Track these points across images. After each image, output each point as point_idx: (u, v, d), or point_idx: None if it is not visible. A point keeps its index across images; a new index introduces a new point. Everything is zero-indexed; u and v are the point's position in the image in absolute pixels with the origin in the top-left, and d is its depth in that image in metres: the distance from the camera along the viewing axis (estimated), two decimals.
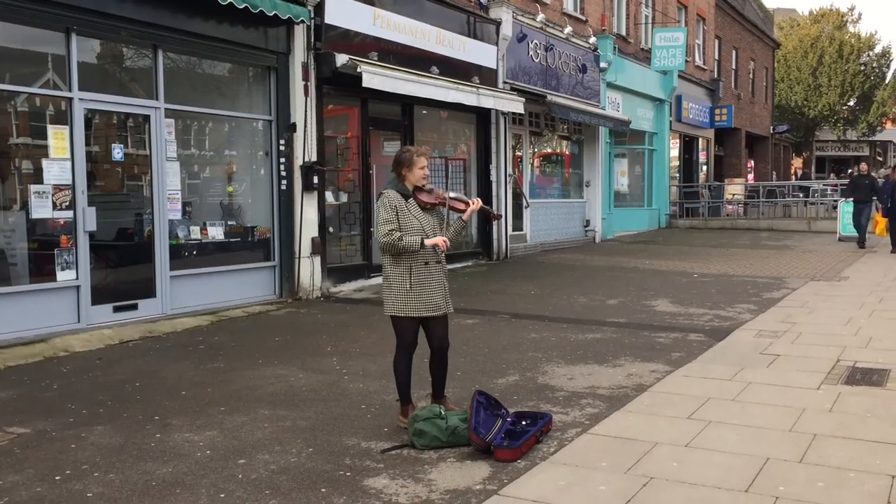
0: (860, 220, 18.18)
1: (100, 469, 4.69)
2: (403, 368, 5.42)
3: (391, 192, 5.32)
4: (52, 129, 8.37)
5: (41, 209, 8.22)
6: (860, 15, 51.39)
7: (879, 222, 17.74)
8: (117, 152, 9.16)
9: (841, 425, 5.37)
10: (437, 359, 5.51)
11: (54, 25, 8.25)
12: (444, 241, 5.25)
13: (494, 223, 15.21)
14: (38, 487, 4.42)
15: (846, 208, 19.63)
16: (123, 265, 9.37)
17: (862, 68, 44.11)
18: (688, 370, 6.98)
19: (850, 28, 45.65)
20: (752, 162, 36.39)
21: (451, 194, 5.51)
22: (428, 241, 5.22)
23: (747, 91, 34.67)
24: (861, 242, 17.92)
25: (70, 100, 8.39)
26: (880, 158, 55.23)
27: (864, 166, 19.46)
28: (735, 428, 5.33)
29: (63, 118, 8.43)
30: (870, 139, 50.11)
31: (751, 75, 35.45)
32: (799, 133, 44.56)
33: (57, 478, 4.56)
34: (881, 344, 7.86)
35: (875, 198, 17.93)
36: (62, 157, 8.33)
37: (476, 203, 5.50)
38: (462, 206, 5.51)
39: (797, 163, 48.49)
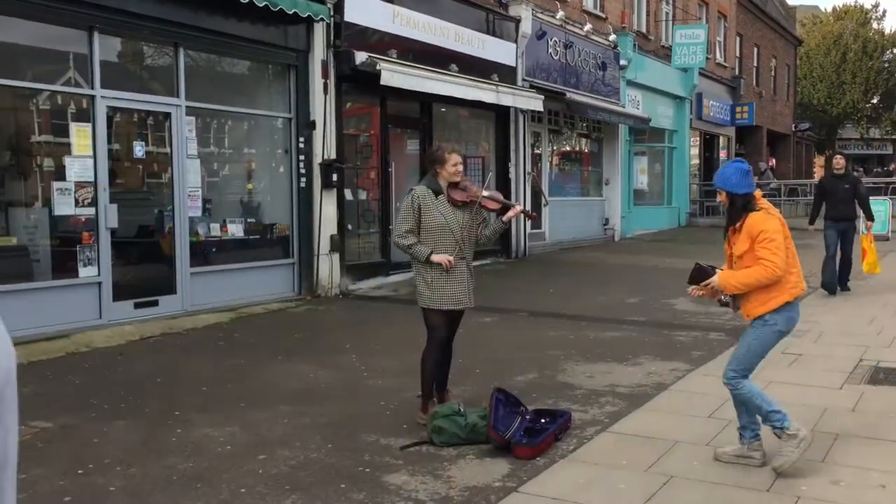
0: (842, 249, 10.90)
1: (122, 463, 4.73)
2: (431, 363, 5.47)
3: (420, 188, 5.41)
4: (74, 127, 8.44)
5: (64, 206, 8.29)
6: (885, 12, 50.78)
7: (869, 251, 11.11)
8: (138, 150, 9.23)
9: (864, 425, 5.31)
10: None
11: (77, 24, 8.32)
12: (449, 261, 5.26)
13: (523, 219, 15.22)
14: (61, 481, 4.46)
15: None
16: (144, 262, 9.44)
17: (886, 65, 43.59)
18: (708, 369, 6.93)
19: (875, 25, 45.11)
20: (774, 160, 36.06)
21: (485, 192, 5.55)
22: (434, 257, 5.27)
23: (769, 89, 34.36)
24: (832, 285, 10.81)
25: (92, 97, 8.45)
26: None
27: (839, 161, 11.27)
28: None
29: (85, 116, 8.49)
30: (893, 137, 49.50)
31: (772, 73, 35.12)
32: (821, 131, 44.13)
33: (79, 472, 4.60)
34: None
35: (862, 211, 11.16)
36: (84, 154, 8.40)
37: (518, 208, 5.60)
38: (494, 206, 5.57)
39: (819, 161, 48.01)
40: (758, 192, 4.64)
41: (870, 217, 11.10)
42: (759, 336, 4.55)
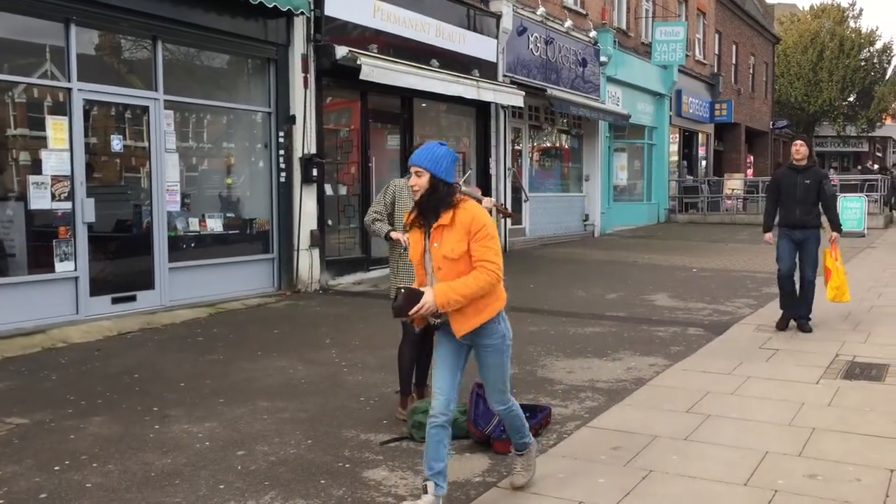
0: (802, 268, 8.34)
1: (98, 460, 4.69)
2: (406, 356, 5.49)
3: (398, 180, 5.61)
4: (50, 120, 8.34)
5: (40, 200, 8.19)
6: (861, 11, 51.35)
7: (834, 273, 8.48)
8: (116, 143, 9.13)
9: (840, 419, 5.37)
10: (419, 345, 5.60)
11: (54, 16, 8.21)
12: (405, 239, 5.19)
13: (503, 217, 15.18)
14: (37, 478, 4.42)
15: (845, 203, 17.91)
16: (122, 257, 9.34)
17: (862, 64, 44.02)
18: (687, 364, 6.98)
19: (851, 23, 45.52)
20: (752, 157, 36.36)
21: (463, 188, 5.53)
22: (393, 234, 5.50)
23: (747, 86, 34.63)
24: (786, 318, 8.41)
25: (69, 90, 8.36)
26: (879, 154, 55.14)
27: (799, 148, 8.32)
28: (734, 422, 5.34)
29: (62, 109, 8.40)
30: (869, 135, 50.07)
31: (751, 70, 35.40)
32: (798, 129, 44.52)
33: (56, 468, 4.56)
34: (880, 339, 7.87)
35: (827, 216, 8.46)
36: (61, 147, 8.31)
37: (488, 202, 5.57)
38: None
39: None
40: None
41: (836, 226, 8.43)
42: (503, 354, 4.29)
